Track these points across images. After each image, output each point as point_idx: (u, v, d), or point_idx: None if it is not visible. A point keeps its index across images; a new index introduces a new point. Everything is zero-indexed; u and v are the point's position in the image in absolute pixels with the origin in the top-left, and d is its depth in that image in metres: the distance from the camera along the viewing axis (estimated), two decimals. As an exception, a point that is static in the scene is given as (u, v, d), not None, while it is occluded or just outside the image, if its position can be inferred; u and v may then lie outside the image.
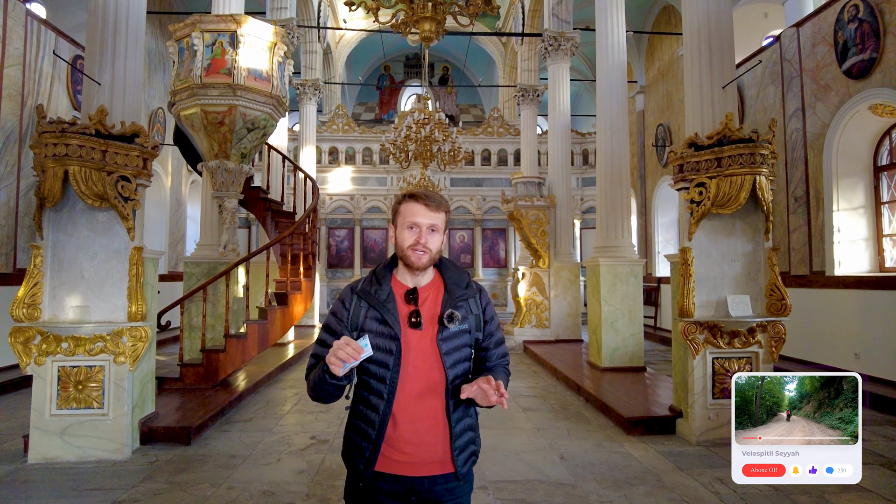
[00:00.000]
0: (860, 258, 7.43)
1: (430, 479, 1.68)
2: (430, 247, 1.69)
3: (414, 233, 1.68)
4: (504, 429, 5.21)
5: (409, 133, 11.81)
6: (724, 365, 4.80)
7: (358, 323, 1.69)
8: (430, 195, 1.71)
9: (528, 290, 10.68)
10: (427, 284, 1.77)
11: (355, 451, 1.71)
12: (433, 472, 1.68)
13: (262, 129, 5.94)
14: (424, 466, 1.68)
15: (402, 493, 1.68)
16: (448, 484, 1.70)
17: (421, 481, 1.67)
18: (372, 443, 1.66)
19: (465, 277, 1.81)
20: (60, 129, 4.14)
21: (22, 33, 7.95)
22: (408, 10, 6.01)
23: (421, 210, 1.68)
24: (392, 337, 1.65)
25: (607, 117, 7.83)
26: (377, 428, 1.65)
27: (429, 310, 1.71)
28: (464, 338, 1.72)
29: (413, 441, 1.66)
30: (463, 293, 1.75)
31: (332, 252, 16.90)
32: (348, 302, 1.73)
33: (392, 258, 1.79)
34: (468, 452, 1.75)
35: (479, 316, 1.78)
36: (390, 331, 1.66)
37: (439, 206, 1.71)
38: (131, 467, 4.20)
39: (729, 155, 4.60)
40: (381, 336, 1.66)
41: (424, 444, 1.67)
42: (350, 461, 1.73)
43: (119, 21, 4.74)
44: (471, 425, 1.78)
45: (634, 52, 14.33)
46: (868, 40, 6.83)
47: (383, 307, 1.68)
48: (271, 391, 6.90)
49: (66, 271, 4.46)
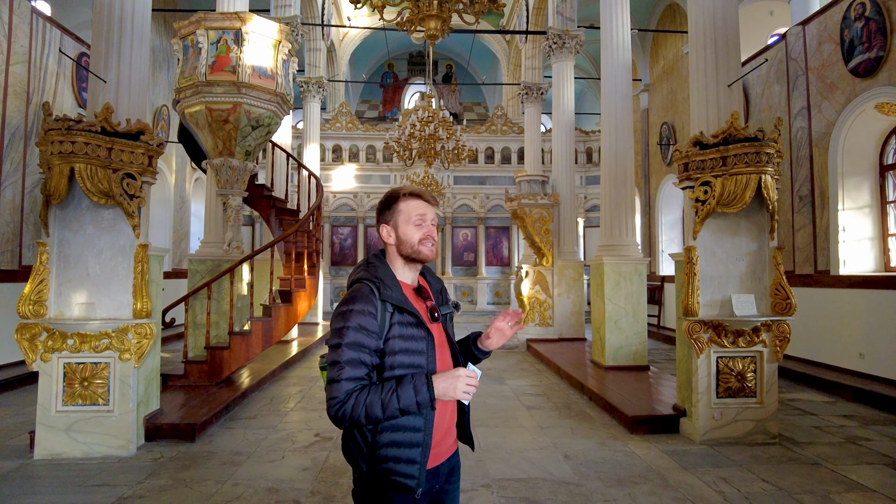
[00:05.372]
0: (865, 257, 7.40)
1: (448, 461, 1.75)
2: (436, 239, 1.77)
3: (423, 227, 1.71)
4: (508, 427, 5.21)
5: (412, 131, 11.80)
6: (729, 364, 4.79)
7: (385, 327, 1.60)
8: (426, 192, 1.78)
9: (532, 289, 10.67)
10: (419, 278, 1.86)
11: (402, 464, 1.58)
12: (451, 451, 1.76)
13: (266, 126, 5.94)
14: (445, 452, 1.73)
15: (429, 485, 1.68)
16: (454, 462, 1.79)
17: (440, 469, 1.72)
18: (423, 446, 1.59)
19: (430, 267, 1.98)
20: (66, 127, 4.15)
21: (27, 31, 7.97)
22: (413, 8, 5.99)
23: (424, 206, 1.74)
24: (423, 336, 1.66)
25: (611, 115, 7.81)
26: (425, 429, 1.59)
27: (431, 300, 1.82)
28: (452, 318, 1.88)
29: (443, 429, 1.71)
30: (437, 278, 1.90)
31: (335, 250, 16.93)
32: (374, 308, 1.59)
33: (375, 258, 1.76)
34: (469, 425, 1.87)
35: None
36: (421, 331, 1.65)
37: (436, 203, 1.81)
38: (136, 464, 4.22)
39: (734, 154, 4.59)
40: (413, 339, 1.62)
41: (451, 428, 1.75)
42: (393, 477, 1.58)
43: (125, 19, 4.75)
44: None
45: (639, 50, 14.28)
46: (875, 38, 6.79)
47: (411, 307, 1.65)
48: (275, 388, 6.92)
49: (72, 268, 4.48)
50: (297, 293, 7.24)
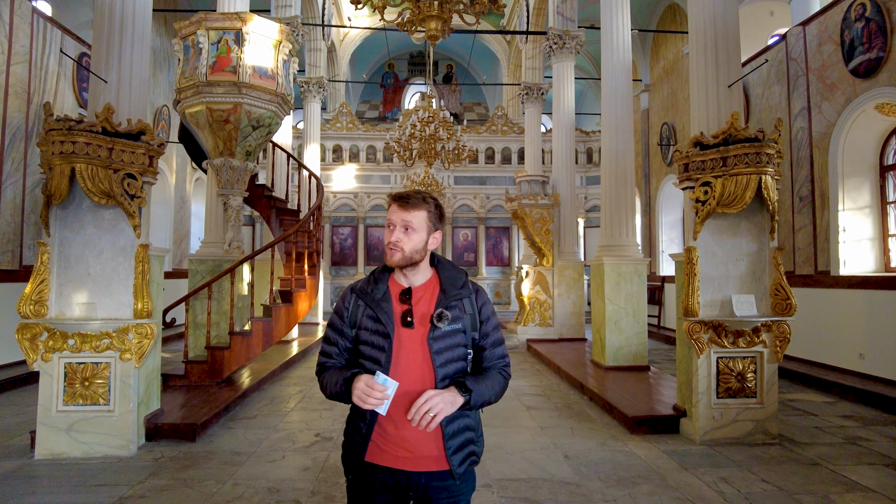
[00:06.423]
0: (866, 258, 7.40)
1: (427, 475, 1.71)
2: (401, 245, 1.71)
3: (388, 233, 1.74)
4: (508, 427, 5.21)
5: (413, 131, 11.81)
6: (729, 364, 4.79)
7: (356, 321, 1.77)
8: (406, 195, 1.74)
9: (532, 289, 10.68)
10: (423, 284, 1.79)
11: (350, 444, 1.78)
12: (429, 467, 1.71)
13: (266, 126, 5.95)
14: (420, 461, 1.70)
15: (399, 488, 1.72)
16: (444, 482, 1.72)
17: (418, 476, 1.70)
18: (363, 436, 1.72)
19: (461, 277, 1.82)
20: (67, 127, 4.15)
21: (28, 31, 7.97)
22: (414, 9, 6.00)
23: (395, 209, 1.73)
24: (384, 335, 1.70)
25: (612, 116, 7.82)
26: (368, 422, 1.71)
27: (423, 309, 1.74)
28: (457, 337, 1.73)
29: (409, 437, 1.69)
30: (457, 293, 1.77)
31: (335, 250, 16.93)
32: (348, 301, 1.81)
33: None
34: (465, 453, 1.75)
35: (473, 315, 1.78)
36: (383, 328, 1.71)
37: (416, 206, 1.72)
38: (137, 463, 4.22)
39: (734, 154, 4.59)
40: (375, 333, 1.72)
41: (419, 440, 1.69)
42: (345, 455, 1.80)
43: (125, 19, 4.76)
44: (468, 426, 1.77)
45: (639, 51, 14.28)
46: (875, 39, 6.79)
47: (378, 305, 1.74)
48: (276, 388, 6.93)
49: (73, 268, 4.48)
50: (297, 293, 7.25)
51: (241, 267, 7.31)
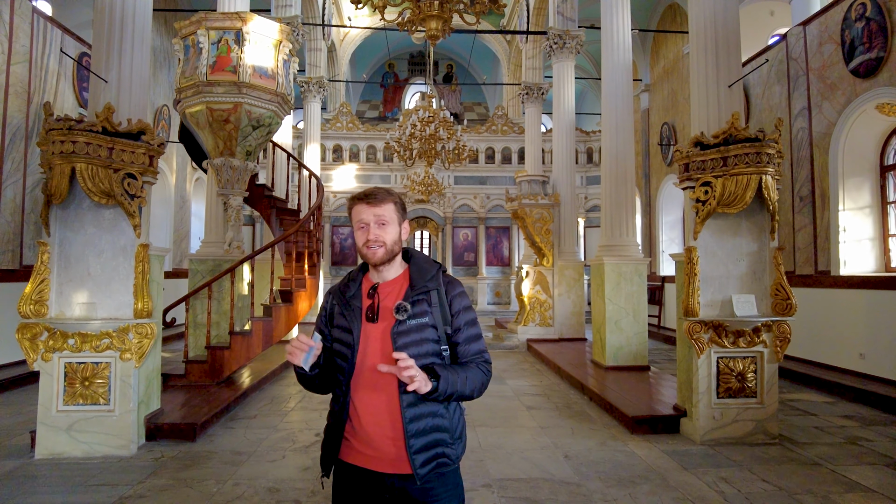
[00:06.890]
0: (866, 258, 7.40)
1: (400, 476, 1.65)
2: (383, 239, 1.70)
3: (364, 232, 1.72)
4: (508, 427, 5.21)
5: (413, 131, 11.80)
6: (729, 364, 4.79)
7: (333, 319, 1.82)
8: (370, 192, 1.73)
9: (532, 289, 10.68)
10: (394, 279, 1.78)
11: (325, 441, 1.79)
12: (396, 469, 1.65)
13: (267, 126, 5.95)
14: (387, 463, 1.66)
15: (374, 488, 1.68)
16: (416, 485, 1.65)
17: (391, 478, 1.66)
18: (334, 433, 1.74)
19: (430, 270, 1.77)
20: (68, 127, 4.15)
21: (28, 30, 7.97)
22: (414, 9, 6.00)
23: (363, 209, 1.72)
24: (347, 330, 1.72)
25: (612, 116, 7.82)
26: (336, 418, 1.73)
27: (390, 304, 1.71)
28: (426, 332, 1.68)
29: (375, 436, 1.66)
30: (424, 285, 1.72)
31: (335, 249, 16.94)
32: (327, 301, 1.86)
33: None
34: (431, 454, 1.65)
35: (443, 309, 1.72)
36: (346, 324, 1.73)
37: (383, 200, 1.72)
38: (137, 463, 4.22)
39: (735, 154, 4.59)
40: (342, 330, 1.74)
41: (384, 439, 1.65)
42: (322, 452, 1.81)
43: (126, 18, 4.76)
44: (438, 426, 1.68)
45: (639, 51, 14.28)
46: (875, 39, 6.79)
47: (347, 303, 1.77)
48: (276, 388, 6.93)
49: (73, 268, 4.48)
50: (297, 293, 7.25)
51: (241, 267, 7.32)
